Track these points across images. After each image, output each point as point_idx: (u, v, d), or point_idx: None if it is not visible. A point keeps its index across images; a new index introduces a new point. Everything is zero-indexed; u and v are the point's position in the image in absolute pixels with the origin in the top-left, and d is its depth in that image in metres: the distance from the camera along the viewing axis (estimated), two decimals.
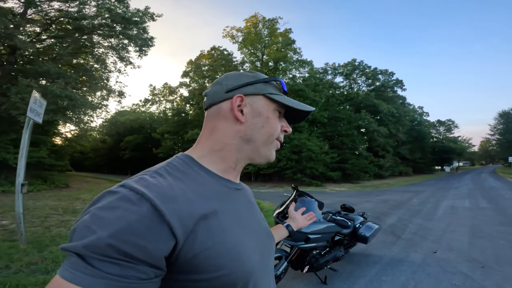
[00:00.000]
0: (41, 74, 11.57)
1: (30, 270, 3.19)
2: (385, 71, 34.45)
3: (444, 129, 57.70)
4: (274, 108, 0.61)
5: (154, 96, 36.17)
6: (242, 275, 0.49)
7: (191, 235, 0.44)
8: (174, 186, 0.47)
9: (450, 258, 4.09)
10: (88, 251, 0.37)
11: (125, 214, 0.39)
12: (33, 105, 4.44)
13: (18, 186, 4.29)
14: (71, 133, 17.81)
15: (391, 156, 30.89)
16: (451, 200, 10.91)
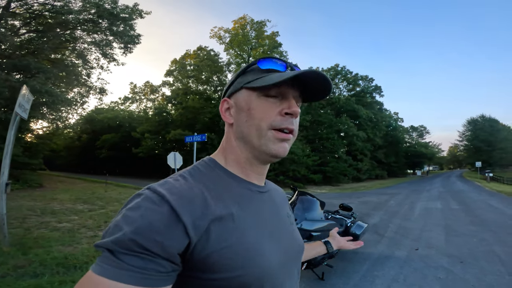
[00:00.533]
0: (20, 68, 10.92)
1: (18, 274, 3.08)
2: (365, 77, 35.89)
3: (416, 134, 60.90)
4: (258, 95, 0.56)
5: (135, 94, 35.15)
6: (256, 276, 0.49)
7: (204, 235, 0.46)
8: (194, 188, 0.50)
9: (431, 254, 4.43)
10: (116, 246, 0.42)
11: (146, 212, 0.44)
12: (22, 100, 4.25)
13: (2, 185, 4.08)
14: (43, 130, 16.87)
15: (368, 160, 32.16)
16: (424, 202, 11.62)
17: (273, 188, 0.71)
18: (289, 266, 0.60)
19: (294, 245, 0.64)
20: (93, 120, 32.96)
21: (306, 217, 3.28)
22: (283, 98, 0.56)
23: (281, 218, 0.64)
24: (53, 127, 15.89)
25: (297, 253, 0.64)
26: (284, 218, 0.65)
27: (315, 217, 3.37)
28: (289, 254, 0.60)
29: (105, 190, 13.43)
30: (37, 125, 15.87)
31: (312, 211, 3.38)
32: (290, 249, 0.61)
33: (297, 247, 0.65)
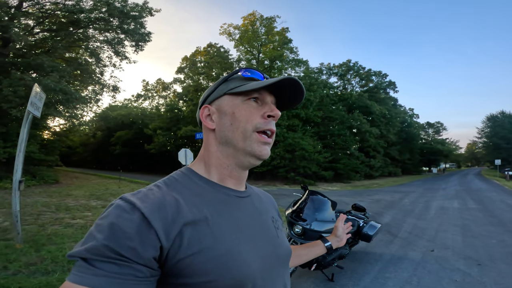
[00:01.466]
0: (34, 67, 11.24)
1: (30, 271, 3.11)
2: (378, 73, 35.01)
3: (433, 131, 59.14)
4: (242, 100, 0.59)
5: (147, 91, 35.63)
6: (231, 283, 0.49)
7: (177, 240, 0.46)
8: (167, 196, 0.51)
9: (447, 256, 4.26)
10: (90, 254, 0.42)
11: (118, 220, 0.45)
12: (34, 98, 4.33)
13: (15, 183, 4.14)
14: (60, 128, 17.36)
15: (381, 157, 31.49)
16: (440, 201, 11.25)
17: (256, 193, 0.71)
18: (272, 272, 0.59)
19: (279, 251, 0.63)
20: (107, 117, 33.70)
21: (317, 218, 3.19)
22: (263, 103, 0.61)
23: (263, 223, 0.63)
24: (69, 124, 16.29)
25: (282, 258, 0.64)
26: (267, 223, 0.65)
27: (326, 217, 3.28)
28: (272, 259, 0.59)
29: (119, 186, 13.72)
30: (54, 122, 16.36)
31: (323, 211, 3.29)
32: (273, 254, 0.60)
33: (282, 252, 0.64)
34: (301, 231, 3.06)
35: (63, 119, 14.55)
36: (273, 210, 0.73)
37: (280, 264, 0.62)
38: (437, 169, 52.20)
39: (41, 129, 14.22)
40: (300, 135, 21.82)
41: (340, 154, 25.45)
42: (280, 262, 0.62)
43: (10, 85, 9.72)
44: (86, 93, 15.27)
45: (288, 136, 20.95)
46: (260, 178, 22.85)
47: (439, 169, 53.60)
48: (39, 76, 11.08)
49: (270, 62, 23.76)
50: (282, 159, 21.12)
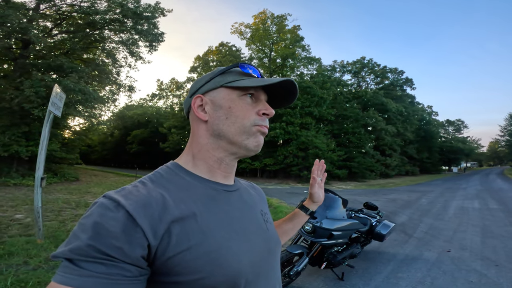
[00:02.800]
0: (54, 68, 11.65)
1: (49, 267, 3.17)
2: (394, 70, 34.12)
3: (453, 129, 57.03)
4: (238, 95, 0.59)
5: (162, 91, 36.35)
6: (223, 279, 0.48)
7: (165, 237, 0.45)
8: (153, 192, 0.49)
9: (464, 256, 4.11)
10: (74, 254, 0.41)
11: (102, 219, 0.43)
12: (54, 98, 4.51)
13: (37, 179, 4.30)
14: (79, 127, 18.01)
15: (398, 155, 30.71)
16: (460, 201, 10.84)
17: (244, 186, 0.70)
18: (264, 265, 0.58)
19: (269, 244, 0.62)
20: (124, 116, 34.70)
21: (327, 216, 3.16)
22: (257, 100, 0.61)
23: (253, 217, 0.63)
24: (88, 123, 16.82)
25: (273, 251, 0.63)
26: (257, 216, 0.64)
27: (337, 215, 3.24)
28: (263, 253, 0.59)
29: None
30: (74, 121, 16.99)
31: (333, 209, 3.25)
32: (263, 248, 0.60)
33: (272, 245, 0.63)
34: (311, 229, 3.04)
35: (83, 118, 15.05)
36: (262, 203, 0.72)
37: (271, 256, 0.62)
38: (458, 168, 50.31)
39: (62, 128, 14.77)
40: (313, 133, 21.60)
41: (355, 153, 24.99)
42: (271, 254, 0.62)
43: (32, 86, 10.09)
44: (104, 93, 15.73)
45: (301, 134, 20.79)
46: (273, 177, 22.83)
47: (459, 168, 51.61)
48: (59, 77, 11.48)
49: (282, 60, 23.63)
50: (295, 157, 21.00)
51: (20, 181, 10.77)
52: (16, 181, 10.64)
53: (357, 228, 3.33)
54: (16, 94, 10.55)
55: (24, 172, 11.70)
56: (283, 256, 2.80)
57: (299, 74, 24.77)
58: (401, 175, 32.28)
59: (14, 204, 6.72)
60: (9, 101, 10.66)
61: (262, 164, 21.24)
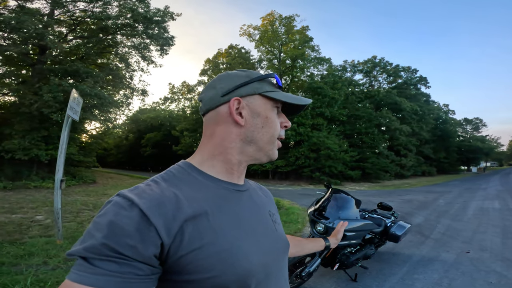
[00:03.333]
0: (70, 74, 12.04)
1: (68, 267, 3.22)
2: (407, 68, 33.34)
3: (471, 127, 55.07)
4: (272, 105, 0.61)
5: (173, 94, 36.96)
6: (234, 278, 0.48)
7: (178, 236, 0.46)
8: (166, 191, 0.49)
9: (483, 257, 3.95)
10: (89, 253, 0.42)
11: (116, 217, 0.44)
12: (72, 103, 4.68)
13: (57, 182, 4.44)
14: (96, 131, 18.53)
15: (413, 155, 29.91)
16: (479, 201, 10.44)
17: (253, 187, 0.71)
18: (273, 266, 0.59)
19: (278, 244, 0.63)
20: (138, 120, 35.46)
21: (340, 216, 3.12)
22: (279, 113, 0.64)
23: (262, 217, 0.63)
24: (104, 127, 17.26)
25: (281, 251, 0.64)
26: (265, 216, 0.64)
27: (350, 216, 3.19)
28: (272, 253, 0.59)
29: None
30: (91, 126, 17.51)
31: (346, 209, 3.21)
32: (273, 248, 0.60)
33: (281, 245, 0.64)
34: (324, 230, 3.01)
35: (99, 122, 15.49)
36: (270, 204, 0.72)
37: (280, 257, 0.63)
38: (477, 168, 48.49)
39: (79, 132, 15.24)
40: (325, 134, 21.37)
41: (368, 153, 24.52)
42: (280, 255, 0.63)
43: (50, 91, 10.47)
44: (118, 97, 16.13)
45: (312, 135, 20.61)
46: (285, 178, 22.72)
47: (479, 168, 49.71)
48: (76, 82, 11.85)
49: (292, 61, 23.54)
50: (306, 158, 20.83)
51: (40, 183, 11.17)
52: (36, 184, 11.05)
53: (371, 228, 3.27)
54: (35, 99, 10.96)
55: (44, 175, 12.13)
56: (295, 257, 2.79)
57: (309, 74, 24.60)
58: (417, 176, 31.42)
59: (34, 206, 6.96)
60: (29, 106, 11.09)
61: (274, 166, 21.17)
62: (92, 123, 16.37)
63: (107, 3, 12.46)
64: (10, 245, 3.75)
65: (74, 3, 12.51)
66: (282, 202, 9.05)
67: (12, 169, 11.44)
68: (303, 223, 5.99)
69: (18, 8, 11.38)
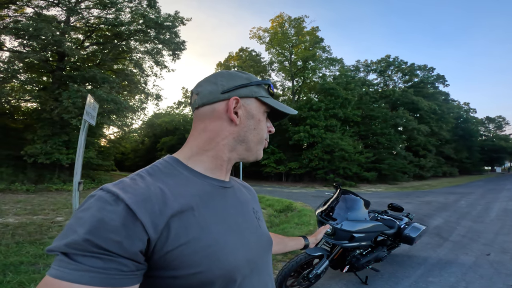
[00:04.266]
0: (88, 80, 12.46)
1: None
2: (423, 67, 32.39)
3: (494, 126, 52.59)
4: (264, 110, 0.64)
5: (187, 98, 37.55)
6: (220, 273, 0.48)
7: (164, 232, 0.45)
8: (151, 186, 0.49)
9: (504, 260, 3.75)
10: (70, 249, 0.40)
11: (100, 212, 0.42)
12: (88, 108, 4.86)
13: (75, 184, 4.65)
14: (114, 135, 19.08)
15: (433, 156, 28.90)
16: (504, 202, 9.93)
17: (237, 185, 0.72)
18: (258, 261, 0.60)
19: (261, 240, 0.64)
20: (153, 124, 36.28)
21: (348, 217, 3.05)
22: (266, 119, 0.67)
23: (246, 213, 0.64)
24: (122, 132, 17.75)
25: (265, 247, 0.65)
26: (249, 213, 0.65)
27: (358, 217, 3.11)
28: (257, 249, 0.60)
29: None
30: (109, 130, 18.08)
31: (355, 210, 3.13)
32: (257, 244, 0.61)
33: (265, 242, 0.66)
34: (332, 231, 2.95)
35: (116, 127, 15.96)
36: (253, 202, 0.73)
37: (265, 252, 0.64)
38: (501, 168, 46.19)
39: (98, 137, 15.76)
40: (339, 135, 21.04)
41: (385, 154, 23.91)
42: (264, 251, 0.64)
43: (69, 97, 10.87)
44: (134, 102, 16.58)
45: (326, 137, 20.35)
46: (299, 180, 22.50)
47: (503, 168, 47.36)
48: (93, 88, 12.27)
49: (303, 63, 23.41)
50: (320, 160, 20.56)
51: (62, 186, 11.64)
52: (58, 187, 11.53)
53: (382, 230, 3.17)
54: (56, 105, 11.45)
55: (65, 178, 12.63)
56: (302, 258, 2.74)
57: (321, 75, 24.36)
58: (437, 177, 30.29)
59: (55, 207, 7.24)
60: (50, 112, 11.60)
61: (287, 168, 21.03)
62: (110, 127, 16.88)
63: (119, 9, 12.80)
64: (30, 245, 3.92)
65: (88, 9, 12.98)
66: (295, 204, 8.96)
67: (35, 173, 12.00)
68: (314, 225, 5.90)
69: (35, 15, 11.88)
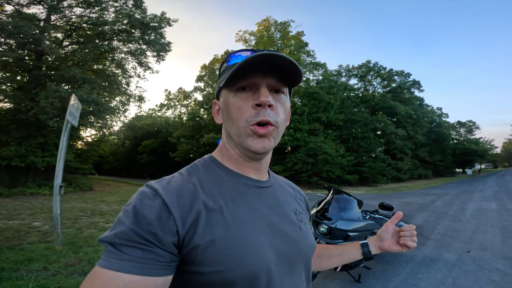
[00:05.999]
0: (67, 80, 11.88)
1: (69, 272, 3.20)
2: (401, 72, 33.80)
3: (464, 130, 55.67)
4: (233, 92, 0.56)
5: (170, 100, 36.94)
6: (242, 274, 0.48)
7: (192, 227, 0.48)
8: (187, 183, 0.53)
9: (485, 256, 3.99)
10: (118, 239, 0.44)
11: (142, 206, 0.46)
12: (71, 109, 4.66)
13: (56, 187, 4.41)
14: (92, 138, 18.34)
15: (409, 159, 30.12)
16: (477, 203, 10.54)
17: (280, 183, 0.69)
18: (290, 265, 0.57)
19: (300, 244, 0.60)
20: (134, 127, 35.24)
21: (342, 217, 3.14)
22: (256, 89, 0.54)
23: (284, 215, 0.61)
24: (100, 134, 17.07)
25: (303, 252, 0.61)
26: (289, 215, 0.62)
27: (352, 216, 3.21)
28: (291, 253, 0.57)
29: None
30: (86, 133, 17.33)
31: (348, 210, 3.23)
32: (292, 248, 0.58)
33: (304, 247, 0.61)
34: (327, 231, 3.02)
35: (95, 129, 15.36)
36: (297, 202, 0.70)
37: (300, 258, 0.60)
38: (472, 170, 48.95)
39: (75, 139, 15.09)
40: (322, 139, 21.47)
41: (365, 157, 24.66)
42: (301, 256, 0.60)
43: (47, 97, 10.32)
44: (115, 103, 16.05)
45: (309, 140, 20.70)
46: None
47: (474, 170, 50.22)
48: (72, 88, 11.73)
49: None
50: (304, 163, 20.87)
51: (37, 190, 11.00)
52: (33, 191, 10.87)
53: (374, 228, 3.29)
54: (32, 105, 10.82)
55: (40, 182, 11.94)
56: None
57: (305, 80, 24.83)
58: (413, 179, 31.58)
59: (32, 212, 6.88)
60: (25, 113, 10.96)
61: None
62: (87, 130, 16.22)
63: (104, 8, 12.41)
64: (9, 250, 3.69)
65: (70, 8, 12.47)
66: None
67: (8, 176, 11.28)
68: None
69: (15, 13, 11.31)
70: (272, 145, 0.56)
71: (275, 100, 0.55)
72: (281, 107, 0.56)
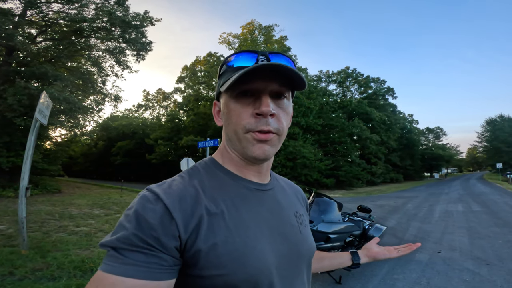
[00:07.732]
0: (38, 76, 11.29)
1: (36, 277, 3.09)
2: (377, 79, 35.30)
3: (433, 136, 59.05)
4: (234, 96, 0.54)
5: (148, 101, 35.91)
6: (244, 278, 0.48)
7: (194, 232, 0.47)
8: (189, 187, 0.52)
9: (455, 257, 4.23)
10: (120, 243, 0.44)
11: (144, 211, 0.46)
12: (41, 106, 4.38)
13: (22, 189, 4.16)
14: (61, 138, 17.39)
15: (382, 163, 31.41)
16: (444, 205, 11.20)
17: (281, 185, 0.69)
18: (291, 269, 0.57)
19: (300, 247, 0.60)
20: (109, 127, 33.83)
21: (323, 219, 3.20)
22: (257, 97, 0.53)
23: (285, 218, 0.61)
24: (71, 134, 16.30)
25: (304, 255, 0.60)
26: (290, 217, 0.62)
27: (333, 219, 3.28)
28: (292, 256, 0.57)
29: (121, 195, 13.66)
30: (56, 132, 16.39)
31: (329, 213, 3.30)
32: (293, 251, 0.58)
33: (305, 249, 0.61)
34: None
35: (65, 129, 14.59)
36: (298, 204, 0.70)
37: (301, 261, 0.60)
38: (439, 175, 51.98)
39: (43, 139, 14.23)
40: (301, 143, 21.86)
41: (341, 162, 25.41)
42: (301, 259, 0.60)
43: (15, 94, 9.78)
44: (88, 102, 15.36)
45: (289, 144, 21.00)
46: None
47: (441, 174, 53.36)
48: (43, 85, 11.14)
49: None
50: (283, 167, 21.11)
51: (1, 192, 10.27)
52: None
53: (353, 230, 3.38)
54: None
55: (5, 184, 11.16)
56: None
57: None
58: (386, 183, 32.95)
59: None
60: None
61: None
62: (57, 129, 15.35)
63: (84, 5, 11.93)
64: None
65: (48, 4, 11.86)
66: None
67: None
68: None
69: None
70: (273, 151, 0.55)
71: (277, 107, 0.54)
72: (283, 114, 0.55)
